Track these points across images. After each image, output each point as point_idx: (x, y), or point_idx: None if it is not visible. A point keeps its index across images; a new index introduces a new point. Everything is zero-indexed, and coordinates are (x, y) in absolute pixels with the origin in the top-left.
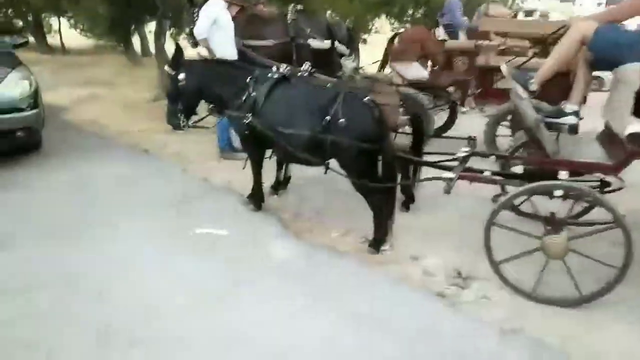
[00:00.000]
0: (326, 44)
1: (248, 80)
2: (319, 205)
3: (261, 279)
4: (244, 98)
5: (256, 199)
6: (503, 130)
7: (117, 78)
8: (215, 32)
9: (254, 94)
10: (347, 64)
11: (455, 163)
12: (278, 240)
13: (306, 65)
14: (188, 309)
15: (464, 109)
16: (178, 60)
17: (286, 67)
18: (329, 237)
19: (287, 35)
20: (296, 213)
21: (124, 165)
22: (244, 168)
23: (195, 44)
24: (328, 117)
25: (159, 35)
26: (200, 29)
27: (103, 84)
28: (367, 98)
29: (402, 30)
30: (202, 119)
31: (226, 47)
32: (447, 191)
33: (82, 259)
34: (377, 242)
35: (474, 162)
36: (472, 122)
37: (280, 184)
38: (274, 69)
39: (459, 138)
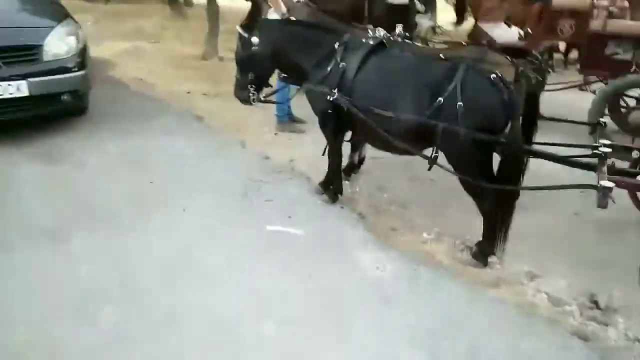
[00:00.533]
0: None
1: (336, 46)
2: (401, 196)
3: (356, 304)
4: (329, 68)
5: (333, 189)
6: None
7: (161, 31)
8: None
9: (342, 64)
10: (423, 22)
11: (593, 160)
12: (364, 246)
13: (398, 29)
14: (276, 340)
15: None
16: (254, 20)
17: (383, 32)
18: (419, 239)
19: None
20: (375, 206)
21: (178, 136)
22: (323, 154)
23: None
24: (441, 99)
25: None
26: None
27: (147, 37)
28: (493, 75)
29: None
30: (274, 92)
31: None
32: (603, 205)
33: (145, 259)
34: (484, 253)
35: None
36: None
37: (354, 167)
38: (369, 33)
39: (582, 123)
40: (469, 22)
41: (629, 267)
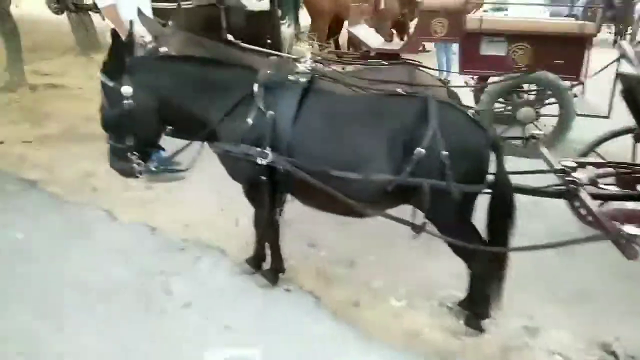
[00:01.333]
0: (264, 4)
1: (255, 88)
2: (339, 250)
3: None
4: (250, 120)
5: (273, 268)
6: None
7: None
8: None
9: (270, 112)
10: (284, 29)
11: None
12: (342, 344)
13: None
14: None
15: None
16: (120, 60)
17: (308, 60)
18: (390, 310)
19: None
20: (319, 272)
21: (9, 219)
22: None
23: (60, 9)
24: (421, 150)
25: None
26: None
27: None
28: (472, 110)
29: None
30: (170, 157)
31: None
32: (632, 256)
33: None
34: (477, 317)
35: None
36: None
37: None
38: (299, 65)
39: (517, 138)
40: None
41: (613, 295)
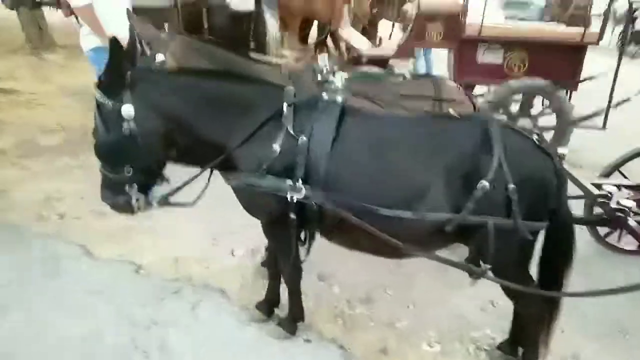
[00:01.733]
0: (249, 4)
1: (284, 109)
2: (353, 284)
3: None
4: (277, 146)
5: (291, 317)
6: None
7: None
8: None
9: (302, 138)
10: (269, 30)
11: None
12: None
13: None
14: None
15: None
16: (120, 74)
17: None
18: (424, 356)
19: None
20: (336, 313)
21: None
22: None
23: (15, 5)
24: (485, 183)
25: None
26: None
27: None
28: (535, 136)
29: None
30: (178, 189)
31: (120, 19)
32: None
33: None
34: None
35: None
36: None
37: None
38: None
39: None
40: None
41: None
